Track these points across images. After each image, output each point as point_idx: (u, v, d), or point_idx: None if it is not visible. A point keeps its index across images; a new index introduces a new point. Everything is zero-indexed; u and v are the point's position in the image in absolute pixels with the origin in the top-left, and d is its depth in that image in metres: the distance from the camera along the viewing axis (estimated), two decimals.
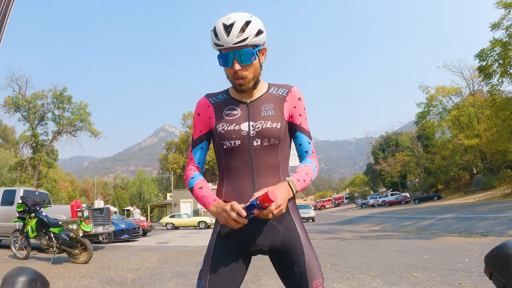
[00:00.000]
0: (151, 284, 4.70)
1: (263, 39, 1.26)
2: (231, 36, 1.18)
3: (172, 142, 64.74)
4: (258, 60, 1.27)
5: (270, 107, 1.31)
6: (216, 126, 1.31)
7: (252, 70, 1.26)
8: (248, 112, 1.30)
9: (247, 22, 1.20)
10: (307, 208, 25.93)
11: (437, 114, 39.72)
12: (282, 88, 1.36)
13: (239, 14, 1.23)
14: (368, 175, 69.99)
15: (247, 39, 1.19)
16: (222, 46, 1.21)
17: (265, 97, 1.33)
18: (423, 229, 11.84)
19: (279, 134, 1.28)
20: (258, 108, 1.31)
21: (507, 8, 20.99)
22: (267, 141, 1.26)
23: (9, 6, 1.54)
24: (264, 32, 1.25)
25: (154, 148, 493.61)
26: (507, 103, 22.18)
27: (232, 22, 1.19)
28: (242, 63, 1.22)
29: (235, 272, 1.24)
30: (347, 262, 5.67)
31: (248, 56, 1.22)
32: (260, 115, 1.29)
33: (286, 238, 1.25)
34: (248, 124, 1.28)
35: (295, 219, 1.30)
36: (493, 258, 0.73)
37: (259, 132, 1.26)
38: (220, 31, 1.20)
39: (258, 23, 1.23)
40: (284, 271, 1.27)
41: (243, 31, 1.19)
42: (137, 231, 13.64)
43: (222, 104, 1.34)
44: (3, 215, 8.86)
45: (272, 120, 1.28)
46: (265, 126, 1.27)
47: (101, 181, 51.82)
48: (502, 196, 21.98)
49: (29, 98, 34.96)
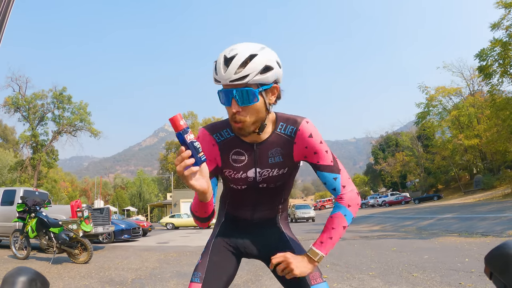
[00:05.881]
0: (151, 284, 4.70)
1: (273, 77, 1.07)
2: (228, 71, 1.02)
3: (172, 142, 64.77)
4: (264, 101, 1.09)
5: (278, 152, 1.21)
6: (222, 169, 1.26)
7: (254, 113, 1.09)
8: (255, 157, 1.21)
9: (251, 55, 1.02)
10: (307, 208, 25.88)
11: (437, 114, 39.73)
12: (290, 124, 1.19)
13: (246, 46, 1.05)
14: (368, 175, 70.03)
15: (248, 76, 1.02)
16: (219, 82, 1.06)
17: (272, 140, 1.20)
18: (423, 229, 11.84)
19: (285, 177, 1.29)
20: (265, 153, 1.21)
21: (507, 8, 21.00)
22: (273, 184, 1.27)
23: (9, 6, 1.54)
24: (274, 69, 1.06)
25: (154, 148, 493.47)
26: (507, 103, 22.17)
27: (233, 55, 1.02)
28: (240, 104, 1.06)
29: (229, 267, 1.32)
30: (347, 262, 5.67)
31: (248, 96, 1.05)
32: (267, 163, 1.21)
33: (276, 246, 1.35)
34: (255, 171, 1.23)
35: (286, 232, 1.40)
36: (493, 258, 0.73)
37: (265, 179, 1.25)
38: (219, 64, 1.04)
39: (267, 57, 1.05)
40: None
41: (244, 67, 1.02)
42: (137, 231, 13.65)
43: (227, 144, 1.22)
44: (3, 215, 8.86)
45: (279, 167, 1.22)
46: (272, 174, 1.23)
47: (101, 181, 51.84)
48: (502, 196, 21.97)
49: (29, 98, 35.01)
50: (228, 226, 1.41)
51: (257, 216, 1.35)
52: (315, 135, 1.19)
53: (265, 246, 1.36)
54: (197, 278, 1.23)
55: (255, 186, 1.27)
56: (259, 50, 1.04)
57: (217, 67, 1.05)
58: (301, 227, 17.54)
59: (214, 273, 1.25)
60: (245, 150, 1.22)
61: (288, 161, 1.23)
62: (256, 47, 1.05)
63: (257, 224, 1.37)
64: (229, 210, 1.42)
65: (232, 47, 1.05)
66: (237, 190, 1.31)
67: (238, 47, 1.05)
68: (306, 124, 1.19)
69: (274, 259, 1.17)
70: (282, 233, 1.38)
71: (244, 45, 1.06)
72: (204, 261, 1.29)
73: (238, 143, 1.21)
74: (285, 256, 1.16)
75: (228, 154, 1.23)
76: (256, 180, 1.25)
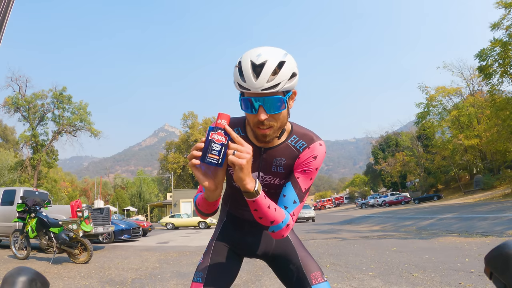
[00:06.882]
0: (151, 284, 4.70)
1: (296, 83, 1.07)
2: (260, 79, 0.98)
3: (172, 142, 64.84)
4: (287, 107, 1.08)
5: (282, 162, 1.20)
6: (228, 167, 1.22)
7: (280, 119, 1.08)
8: (260, 161, 1.21)
9: (280, 63, 1.00)
10: (307, 208, 25.88)
11: (437, 114, 39.71)
12: (303, 140, 1.19)
13: (272, 51, 1.02)
14: (368, 175, 70.00)
15: (279, 84, 0.99)
16: (248, 90, 1.01)
17: (280, 149, 1.19)
18: (423, 229, 11.84)
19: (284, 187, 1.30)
20: (270, 160, 1.20)
21: (507, 8, 21.00)
22: (273, 190, 1.28)
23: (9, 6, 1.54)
24: (297, 75, 1.06)
25: (154, 148, 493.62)
26: (507, 103, 22.16)
27: (263, 62, 0.99)
28: (269, 112, 1.03)
29: (231, 267, 1.33)
30: (347, 262, 5.67)
31: (277, 104, 1.03)
32: (270, 170, 1.21)
33: (278, 245, 1.37)
34: (258, 175, 1.23)
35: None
36: (493, 258, 0.73)
37: (266, 185, 1.26)
38: (247, 71, 0.99)
39: (292, 64, 1.04)
40: (281, 272, 1.34)
41: (275, 74, 0.99)
42: (137, 231, 13.64)
43: None
44: (3, 215, 8.86)
45: (280, 178, 1.23)
46: (273, 182, 1.24)
47: (101, 181, 51.85)
48: (502, 196, 21.97)
49: (29, 98, 35.00)
50: (230, 226, 1.42)
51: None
52: (318, 160, 1.17)
53: (267, 246, 1.37)
54: (199, 278, 1.24)
55: None
56: (285, 57, 1.03)
57: (245, 74, 1.00)
58: (301, 227, 17.54)
59: (216, 273, 1.26)
60: (253, 152, 1.21)
61: (288, 174, 1.23)
62: (281, 53, 1.03)
63: (258, 224, 1.37)
64: (231, 210, 1.43)
65: (258, 52, 1.01)
66: (239, 189, 1.31)
67: (264, 52, 1.01)
68: (318, 146, 1.18)
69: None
70: None
71: (269, 50, 1.03)
72: (206, 261, 1.29)
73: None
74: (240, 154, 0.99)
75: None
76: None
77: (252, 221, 1.37)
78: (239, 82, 1.02)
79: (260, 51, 1.01)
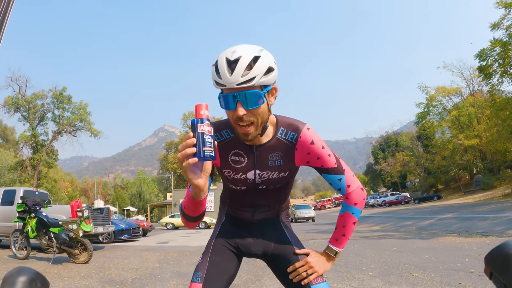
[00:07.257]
0: (151, 284, 4.70)
1: (274, 78, 1.07)
2: (235, 74, 0.99)
3: (172, 142, 64.75)
4: (267, 103, 1.08)
5: (278, 156, 1.20)
6: (221, 169, 1.25)
7: (260, 115, 1.07)
8: (255, 159, 1.21)
9: (255, 57, 1.01)
10: (307, 208, 25.83)
11: (437, 114, 39.73)
12: (292, 130, 1.19)
13: (246, 48, 1.03)
14: (368, 175, 70.03)
15: (254, 78, 1.00)
16: (224, 86, 1.02)
17: (272, 144, 1.19)
18: (423, 229, 11.84)
19: (285, 180, 1.29)
20: (265, 156, 1.20)
21: (507, 8, 21.00)
22: (272, 186, 1.28)
23: (9, 6, 1.54)
24: (275, 70, 1.06)
25: (154, 148, 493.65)
26: (507, 103, 22.16)
27: (237, 57, 1.00)
28: (247, 107, 1.04)
29: (230, 267, 1.32)
30: (347, 262, 5.67)
31: (255, 99, 1.03)
32: (267, 166, 1.21)
33: (277, 245, 1.36)
34: (255, 173, 1.22)
35: (287, 231, 1.41)
36: (493, 258, 0.73)
37: (265, 181, 1.25)
38: (223, 67, 1.01)
39: (269, 59, 1.04)
40: (280, 272, 1.34)
41: (250, 69, 1.00)
42: (137, 231, 13.64)
43: (227, 145, 1.21)
44: (3, 215, 8.86)
45: (280, 170, 1.22)
46: (272, 176, 1.23)
47: (101, 181, 51.85)
48: (502, 196, 21.98)
49: (29, 98, 35.03)
50: (229, 225, 1.41)
51: (257, 217, 1.36)
52: (317, 142, 1.19)
53: (266, 245, 1.37)
54: (198, 278, 1.24)
55: (255, 187, 1.27)
56: (260, 51, 1.03)
57: (220, 70, 1.01)
58: (301, 227, 17.53)
59: (214, 273, 1.25)
60: (244, 151, 1.21)
61: (289, 165, 1.23)
62: (256, 49, 1.03)
63: (258, 223, 1.37)
64: (230, 210, 1.42)
65: (233, 49, 1.03)
66: (236, 190, 1.31)
67: (238, 49, 1.02)
68: (307, 131, 1.19)
69: (298, 264, 1.25)
70: (283, 232, 1.39)
71: (244, 46, 1.04)
72: (205, 261, 1.29)
73: (238, 144, 1.20)
74: (306, 261, 1.25)
75: (227, 154, 1.22)
76: (256, 182, 1.25)
77: (251, 221, 1.37)
78: (215, 79, 1.04)
79: (235, 48, 1.03)
